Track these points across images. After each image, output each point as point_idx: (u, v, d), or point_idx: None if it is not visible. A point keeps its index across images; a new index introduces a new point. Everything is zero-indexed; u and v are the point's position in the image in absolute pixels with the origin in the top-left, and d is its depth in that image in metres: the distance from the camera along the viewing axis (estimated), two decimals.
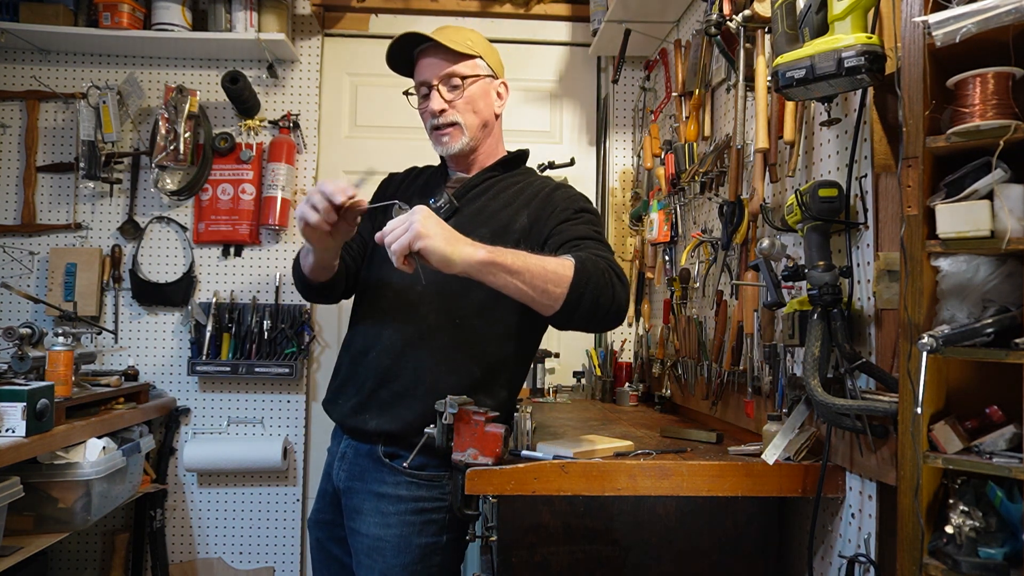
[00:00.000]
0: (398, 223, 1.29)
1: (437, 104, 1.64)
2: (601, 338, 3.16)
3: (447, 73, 1.65)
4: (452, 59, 1.65)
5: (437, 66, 1.65)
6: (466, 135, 1.66)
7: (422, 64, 1.68)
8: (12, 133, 3.01)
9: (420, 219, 1.26)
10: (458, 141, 1.67)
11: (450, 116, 1.65)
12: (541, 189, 1.69)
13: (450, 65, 1.65)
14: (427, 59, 1.67)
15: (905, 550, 1.08)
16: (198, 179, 3.00)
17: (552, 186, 1.72)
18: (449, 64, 1.65)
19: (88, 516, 2.24)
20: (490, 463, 1.40)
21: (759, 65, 1.67)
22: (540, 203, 1.65)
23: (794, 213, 1.42)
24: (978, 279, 1.07)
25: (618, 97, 3.15)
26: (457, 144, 1.67)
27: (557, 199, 1.65)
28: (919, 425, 1.06)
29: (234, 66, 3.04)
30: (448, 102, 1.65)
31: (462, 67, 1.66)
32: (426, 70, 1.66)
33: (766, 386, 1.73)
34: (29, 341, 2.23)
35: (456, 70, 1.65)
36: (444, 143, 1.67)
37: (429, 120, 1.68)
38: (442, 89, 1.65)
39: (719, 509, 1.57)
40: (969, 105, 1.04)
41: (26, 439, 1.94)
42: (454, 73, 1.65)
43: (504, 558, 1.55)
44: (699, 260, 2.23)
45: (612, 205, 3.15)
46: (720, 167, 2.06)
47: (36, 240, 2.99)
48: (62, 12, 2.85)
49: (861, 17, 1.22)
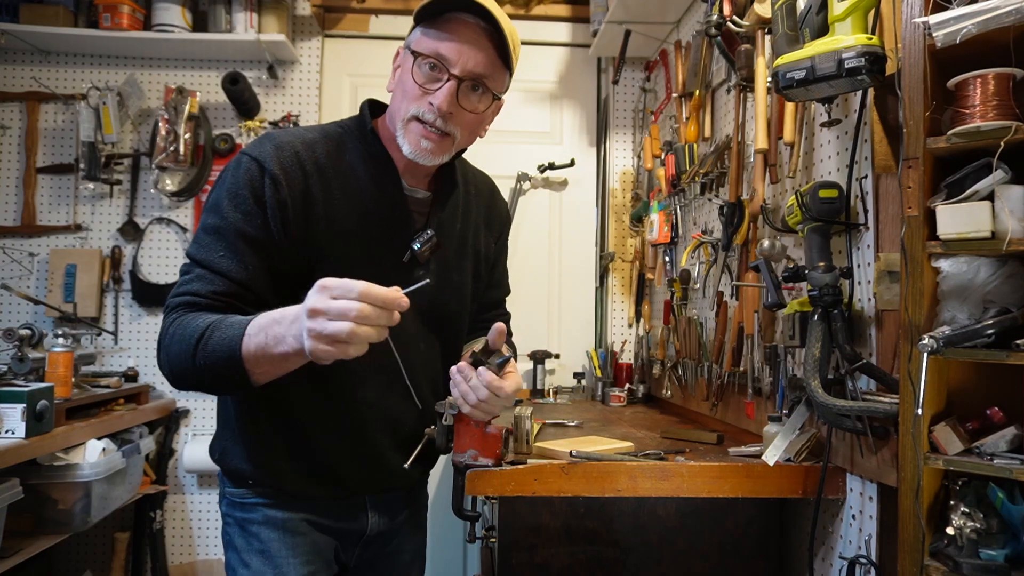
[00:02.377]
0: (488, 389, 1.22)
1: (449, 103, 1.25)
2: (602, 339, 3.16)
3: (482, 74, 1.27)
4: (496, 61, 1.28)
5: (479, 58, 1.25)
6: (449, 153, 1.32)
7: (462, 38, 1.25)
8: (12, 134, 3.01)
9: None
10: (439, 156, 1.30)
11: (450, 125, 1.27)
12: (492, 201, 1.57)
13: (490, 67, 1.27)
14: (472, 37, 1.25)
15: (906, 552, 1.08)
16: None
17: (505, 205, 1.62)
18: (490, 65, 1.27)
19: (88, 517, 2.23)
20: (490, 464, 1.40)
21: (759, 66, 1.67)
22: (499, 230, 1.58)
23: (794, 214, 1.41)
24: (979, 280, 1.07)
25: (618, 98, 3.15)
26: (437, 159, 1.30)
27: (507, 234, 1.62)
28: (920, 426, 1.06)
29: (234, 67, 3.04)
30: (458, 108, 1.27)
31: (498, 77, 1.30)
32: (466, 53, 1.24)
33: (766, 387, 1.73)
34: (29, 342, 2.23)
35: (492, 76, 1.29)
36: (424, 149, 1.27)
37: (424, 108, 1.25)
38: (466, 89, 1.27)
39: (720, 510, 1.57)
40: (970, 106, 1.04)
41: (26, 440, 1.94)
42: (488, 78, 1.28)
43: (504, 559, 1.55)
44: (699, 261, 2.23)
45: (612, 206, 3.15)
46: (720, 168, 2.06)
47: (36, 241, 2.99)
48: (62, 13, 2.85)
49: (861, 18, 1.22)
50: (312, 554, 1.36)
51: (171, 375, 1.21)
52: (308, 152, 1.29)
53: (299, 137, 1.31)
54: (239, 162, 1.28)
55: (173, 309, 1.22)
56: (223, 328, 1.14)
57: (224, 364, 1.13)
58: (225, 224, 1.23)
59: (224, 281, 1.22)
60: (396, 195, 1.35)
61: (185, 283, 1.24)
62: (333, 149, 1.32)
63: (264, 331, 1.10)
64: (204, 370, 1.15)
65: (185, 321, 1.18)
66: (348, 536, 1.43)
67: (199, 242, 1.25)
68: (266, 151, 1.27)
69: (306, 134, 1.33)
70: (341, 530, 1.41)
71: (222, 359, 1.12)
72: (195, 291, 1.21)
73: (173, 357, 1.19)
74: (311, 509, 1.37)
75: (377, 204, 1.33)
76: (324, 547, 1.39)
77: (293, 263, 1.26)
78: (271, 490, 1.36)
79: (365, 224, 1.32)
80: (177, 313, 1.21)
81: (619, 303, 3.13)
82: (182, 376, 1.20)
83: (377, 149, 1.34)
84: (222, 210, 1.24)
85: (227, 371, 1.13)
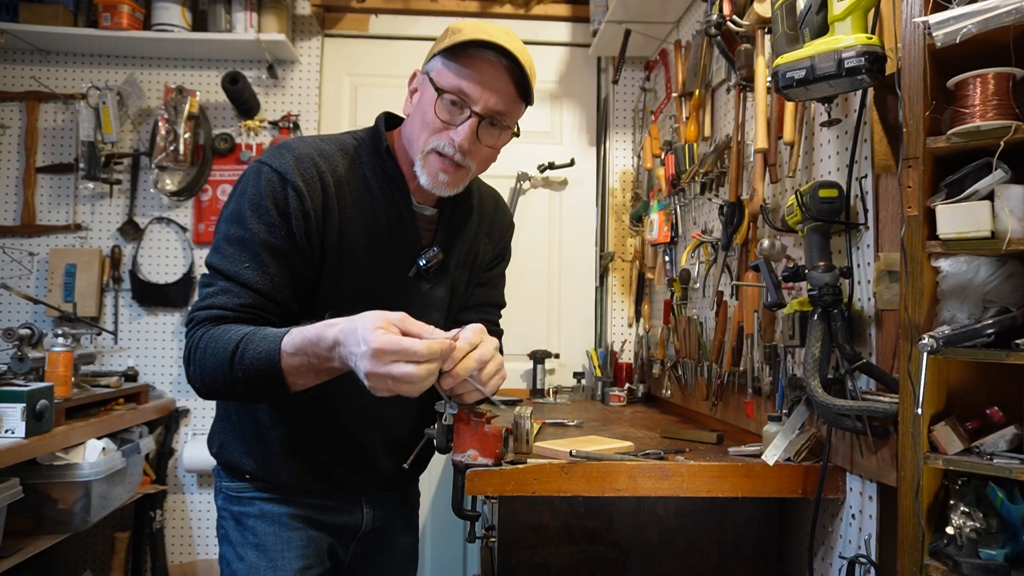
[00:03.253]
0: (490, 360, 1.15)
1: (470, 141, 1.27)
2: (601, 339, 3.16)
3: (503, 111, 1.29)
4: (515, 97, 1.30)
5: (500, 96, 1.27)
6: (463, 184, 1.34)
7: (485, 76, 1.26)
8: (12, 134, 3.01)
9: None
10: (455, 188, 1.33)
11: (468, 159, 1.29)
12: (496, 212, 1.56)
13: (510, 104, 1.30)
14: (494, 75, 1.27)
15: (906, 551, 1.08)
16: (198, 180, 3.01)
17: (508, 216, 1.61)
18: (510, 102, 1.30)
19: (88, 517, 2.23)
20: (490, 464, 1.40)
21: (759, 65, 1.67)
22: (499, 237, 1.57)
23: (794, 214, 1.41)
24: (979, 280, 1.07)
25: (618, 98, 3.15)
26: (452, 191, 1.33)
27: (508, 239, 1.60)
28: (920, 426, 1.06)
29: (234, 67, 3.04)
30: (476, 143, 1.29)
31: (516, 112, 1.33)
32: (488, 91, 1.26)
33: (766, 387, 1.73)
34: (29, 342, 2.23)
35: (511, 112, 1.31)
36: (441, 182, 1.30)
37: (444, 142, 1.27)
38: (486, 125, 1.29)
39: (719, 510, 1.57)
40: (969, 106, 1.04)
41: (25, 440, 1.94)
42: (507, 115, 1.30)
43: (504, 559, 1.55)
44: (699, 261, 2.23)
45: (612, 205, 3.15)
46: (720, 168, 2.06)
47: (36, 241, 2.99)
48: (62, 13, 2.85)
49: (861, 17, 1.22)
50: (307, 549, 1.38)
51: (203, 387, 1.22)
52: (327, 164, 1.30)
53: (316, 148, 1.32)
54: (259, 172, 1.27)
55: (200, 323, 1.22)
56: (257, 341, 1.15)
57: (263, 377, 1.14)
58: (249, 235, 1.24)
59: (250, 293, 1.22)
60: (406, 212, 1.37)
61: (210, 295, 1.23)
62: (349, 163, 1.34)
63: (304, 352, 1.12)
64: (241, 381, 1.16)
65: (216, 334, 1.18)
66: (343, 532, 1.44)
67: (222, 252, 1.25)
68: (286, 162, 1.27)
69: (323, 146, 1.33)
70: (336, 525, 1.43)
71: (261, 372, 1.14)
72: (222, 304, 1.22)
73: (208, 371, 1.19)
74: (307, 505, 1.39)
75: (387, 220, 1.35)
76: (319, 542, 1.41)
77: (310, 271, 1.28)
78: (268, 484, 1.37)
79: (375, 238, 1.34)
80: (205, 327, 1.21)
81: (619, 303, 3.13)
82: (215, 388, 1.21)
83: (391, 166, 1.35)
84: (245, 221, 1.24)
85: (266, 381, 1.15)
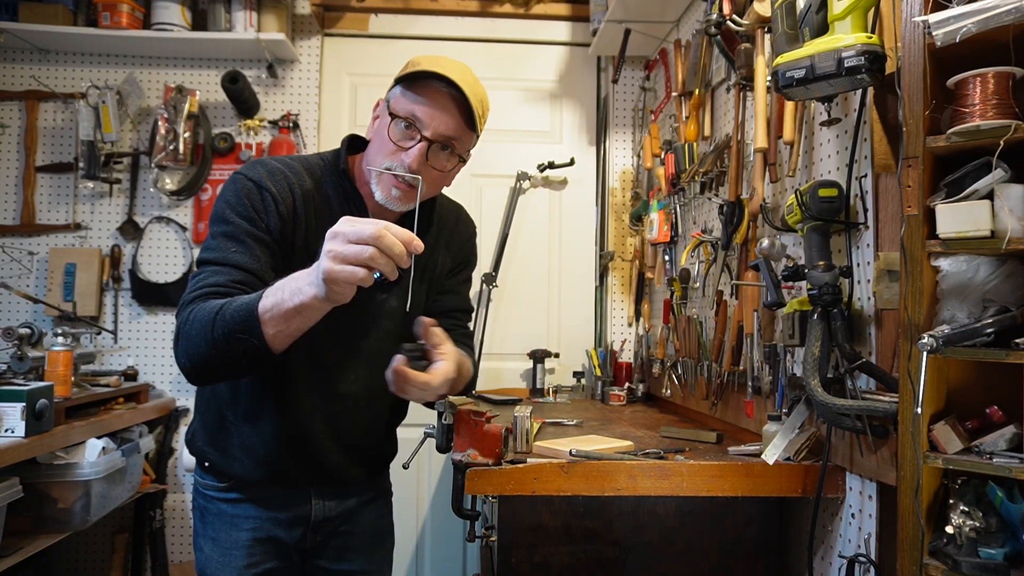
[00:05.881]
0: None
1: (418, 163, 1.35)
2: (601, 338, 3.16)
3: (451, 136, 1.37)
4: (463, 126, 1.39)
5: (449, 123, 1.36)
6: (415, 202, 1.37)
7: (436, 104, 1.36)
8: (11, 133, 3.01)
9: None
10: (407, 205, 1.39)
11: (417, 180, 1.35)
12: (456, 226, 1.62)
13: (458, 131, 1.38)
14: (444, 104, 1.36)
15: (905, 550, 1.08)
16: (197, 179, 3.00)
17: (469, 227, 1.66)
18: (458, 129, 1.38)
19: (87, 516, 2.23)
20: (490, 463, 1.40)
21: (759, 65, 1.67)
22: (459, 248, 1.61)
23: (794, 213, 1.41)
24: (978, 279, 1.07)
25: (618, 97, 3.15)
26: (404, 207, 1.40)
27: (471, 248, 1.66)
28: (919, 425, 1.06)
29: (234, 66, 3.04)
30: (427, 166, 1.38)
31: (465, 140, 1.41)
32: (437, 118, 1.36)
33: (766, 386, 1.73)
34: (28, 341, 2.23)
35: (460, 139, 1.39)
36: (394, 198, 1.38)
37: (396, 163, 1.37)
38: (436, 150, 1.38)
39: (719, 509, 1.57)
40: (969, 105, 1.04)
41: (25, 439, 1.94)
42: (456, 140, 1.39)
43: (504, 558, 1.55)
44: (699, 260, 2.23)
45: (612, 205, 3.15)
46: (720, 167, 2.06)
47: (35, 240, 2.99)
48: (61, 12, 2.84)
49: (861, 17, 1.22)
50: (253, 548, 1.49)
51: (188, 361, 1.27)
52: (296, 178, 1.43)
53: (286, 165, 1.45)
54: (235, 181, 1.40)
55: (190, 303, 1.28)
56: (240, 299, 1.22)
57: (241, 327, 1.18)
58: (232, 227, 1.34)
59: (240, 272, 1.31)
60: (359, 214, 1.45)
61: (200, 280, 1.31)
62: (314, 182, 1.45)
63: (281, 288, 1.18)
64: (221, 340, 1.20)
65: (204, 306, 1.25)
66: (295, 523, 1.52)
67: (209, 248, 1.35)
68: (259, 173, 1.40)
69: (292, 163, 1.46)
70: (287, 519, 1.51)
71: (239, 323, 1.19)
72: (213, 283, 1.29)
73: (192, 339, 1.24)
74: (258, 501, 1.49)
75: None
76: (266, 545, 1.49)
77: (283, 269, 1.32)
78: (223, 476, 1.49)
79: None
80: (195, 304, 1.27)
81: (619, 302, 3.13)
82: (198, 357, 1.25)
83: (349, 187, 1.46)
84: (227, 217, 1.35)
85: (244, 334, 1.18)
